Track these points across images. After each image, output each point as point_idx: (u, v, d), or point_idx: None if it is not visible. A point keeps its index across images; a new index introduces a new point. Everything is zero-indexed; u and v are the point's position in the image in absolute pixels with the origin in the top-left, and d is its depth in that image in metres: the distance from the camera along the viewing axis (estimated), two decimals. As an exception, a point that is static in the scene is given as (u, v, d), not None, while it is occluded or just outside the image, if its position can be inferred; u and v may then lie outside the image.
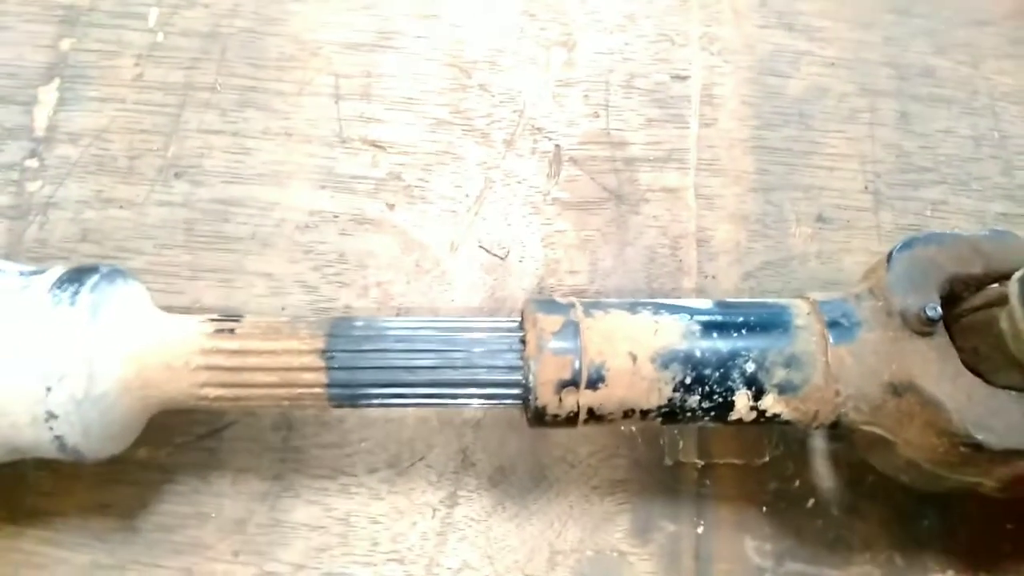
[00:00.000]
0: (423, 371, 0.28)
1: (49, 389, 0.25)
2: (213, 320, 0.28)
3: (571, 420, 0.28)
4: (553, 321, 0.28)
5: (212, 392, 0.27)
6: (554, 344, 0.27)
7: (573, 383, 0.27)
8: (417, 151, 0.37)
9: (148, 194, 0.36)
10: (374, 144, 0.37)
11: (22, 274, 0.28)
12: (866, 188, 0.39)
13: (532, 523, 0.34)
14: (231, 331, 0.28)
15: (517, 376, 0.28)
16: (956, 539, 0.36)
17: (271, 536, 0.33)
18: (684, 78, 0.40)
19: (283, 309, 0.35)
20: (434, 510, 0.34)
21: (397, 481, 0.34)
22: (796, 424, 0.29)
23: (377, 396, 0.28)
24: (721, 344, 0.28)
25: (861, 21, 0.43)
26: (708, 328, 0.28)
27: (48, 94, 0.36)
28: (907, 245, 0.30)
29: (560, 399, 0.27)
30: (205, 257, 0.35)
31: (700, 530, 0.35)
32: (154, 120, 0.36)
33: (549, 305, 0.29)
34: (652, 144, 0.39)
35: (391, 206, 0.37)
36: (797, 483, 0.36)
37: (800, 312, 0.29)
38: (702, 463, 0.36)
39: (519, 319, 0.29)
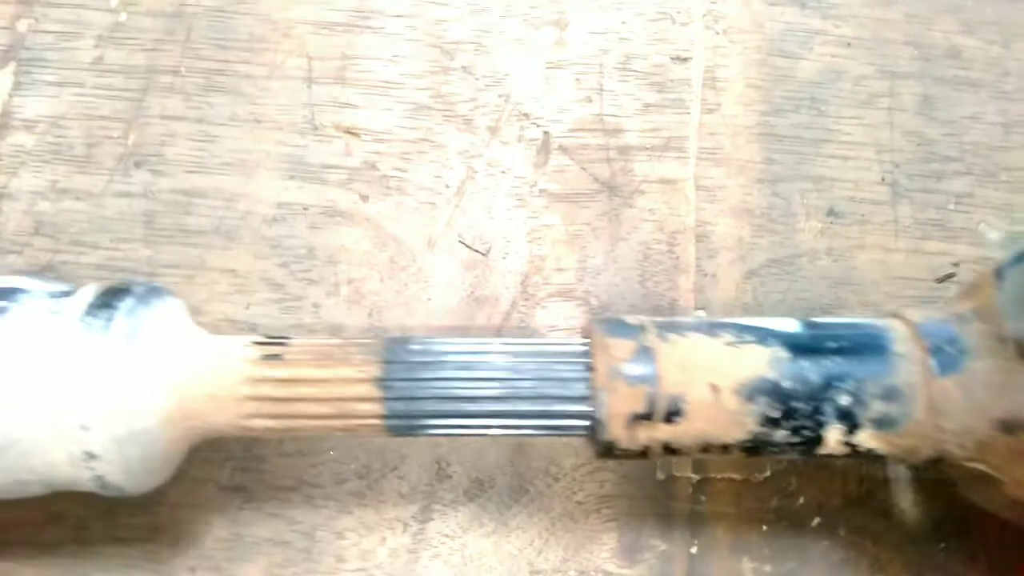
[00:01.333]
0: (487, 401, 0.25)
1: (86, 428, 0.24)
2: (259, 344, 0.26)
3: (643, 454, 0.26)
4: (624, 346, 0.25)
5: (260, 423, 0.26)
6: (627, 372, 0.25)
7: (647, 416, 0.25)
8: (394, 138, 0.35)
9: (106, 184, 0.33)
10: (348, 131, 0.35)
11: (51, 296, 0.26)
12: (883, 179, 0.36)
13: (511, 540, 0.32)
14: (279, 356, 0.26)
15: (585, 407, 0.25)
16: (976, 565, 0.33)
17: (230, 551, 0.31)
18: (685, 60, 0.37)
19: (248, 307, 0.33)
20: (405, 525, 0.32)
21: (366, 493, 0.32)
22: (891, 459, 0.27)
23: (437, 427, 0.26)
24: (812, 374, 0.25)
25: (881, -3, 0.39)
26: (797, 355, 0.26)
27: (3, 78, 0.34)
28: (1019, 260, 0.26)
29: (632, 433, 0.25)
30: (165, 252, 0.33)
31: (694, 550, 0.32)
32: (114, 106, 0.34)
33: (618, 327, 0.26)
34: (649, 131, 0.36)
35: (365, 198, 0.34)
36: (801, 500, 0.33)
37: (899, 336, 0.26)
38: (697, 477, 0.33)
39: (587, 342, 0.27)
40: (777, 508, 0.33)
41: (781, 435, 0.25)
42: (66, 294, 0.26)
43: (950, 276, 0.35)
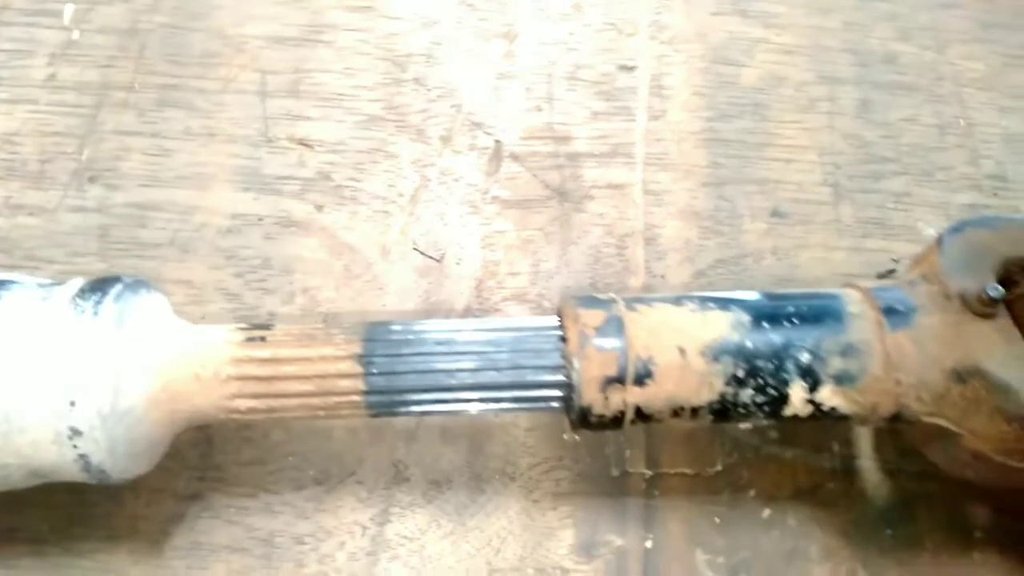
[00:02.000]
0: (465, 374, 0.26)
1: (73, 403, 0.24)
2: (242, 329, 0.27)
3: (617, 421, 0.27)
4: (595, 316, 0.27)
5: (244, 404, 0.26)
6: (598, 340, 0.26)
7: (619, 380, 0.26)
8: (348, 149, 0.35)
9: (60, 200, 0.34)
10: (302, 143, 0.35)
11: (41, 286, 0.26)
12: (825, 181, 0.38)
13: (469, 540, 0.32)
14: (262, 339, 0.26)
15: (560, 376, 0.26)
16: (922, 549, 0.34)
17: (189, 559, 0.31)
18: (631, 69, 0.38)
19: (203, 318, 0.33)
20: (364, 528, 0.32)
21: (325, 498, 0.32)
22: (854, 418, 0.28)
23: (417, 402, 0.27)
24: (773, 335, 0.27)
25: (820, 6, 0.41)
26: (758, 318, 0.27)
27: (-44, 96, 0.34)
28: (958, 229, 0.29)
29: (606, 397, 0.26)
30: (121, 265, 0.33)
31: (648, 544, 0.33)
32: (67, 122, 0.34)
33: (589, 301, 0.28)
34: (597, 138, 0.37)
35: (319, 207, 0.35)
36: (752, 492, 0.34)
37: (852, 300, 0.28)
38: (650, 473, 0.34)
39: (558, 317, 0.28)
40: (729, 501, 0.34)
41: (747, 395, 0.27)
42: (56, 284, 0.27)
43: (891, 272, 0.37)
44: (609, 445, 0.34)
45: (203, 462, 0.32)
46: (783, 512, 0.34)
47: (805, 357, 0.26)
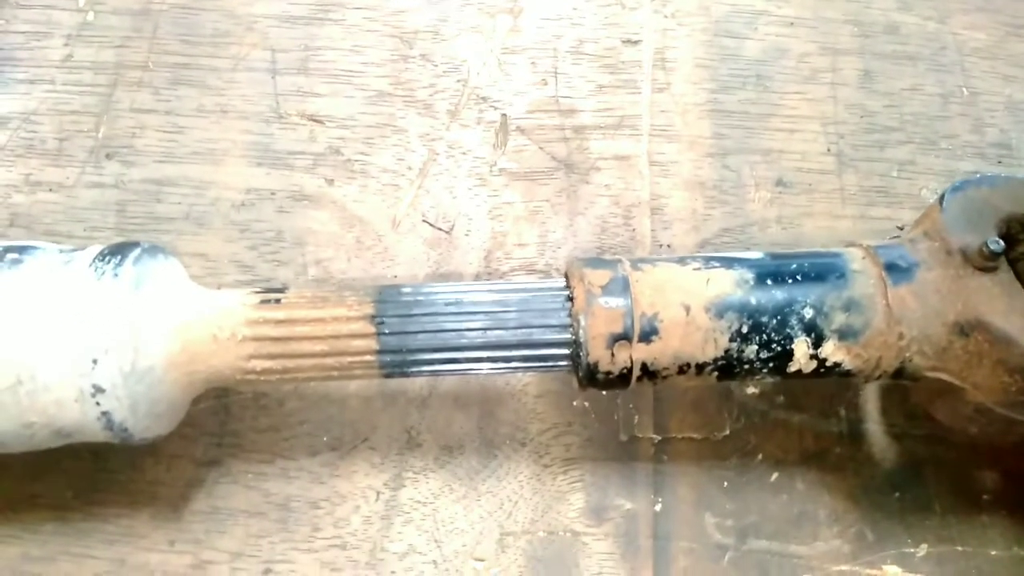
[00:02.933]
0: (474, 333, 0.27)
1: (95, 362, 0.25)
2: (257, 292, 0.28)
3: (624, 378, 0.27)
4: (601, 275, 0.27)
5: (259, 364, 0.27)
6: (603, 298, 0.27)
7: (625, 337, 0.27)
8: (357, 124, 0.36)
9: (78, 176, 0.35)
10: (312, 118, 0.36)
11: (62, 251, 0.27)
12: (828, 150, 0.38)
13: (481, 504, 0.33)
14: (277, 301, 0.27)
15: (567, 334, 0.27)
16: (930, 511, 0.34)
17: (207, 524, 0.32)
18: (636, 42, 0.39)
19: (219, 289, 0.34)
20: (378, 493, 0.33)
21: (339, 464, 0.33)
22: (858, 374, 0.28)
23: (428, 362, 0.27)
24: (777, 292, 0.27)
25: (822, -21, 0.41)
26: (762, 276, 0.28)
27: (-25, 78, 0.35)
28: (959, 187, 0.29)
29: (612, 354, 0.27)
30: (137, 239, 0.34)
31: (658, 508, 0.34)
32: (84, 101, 0.35)
33: (595, 261, 0.28)
34: (603, 111, 0.37)
35: (330, 181, 0.35)
36: (759, 457, 0.34)
37: (854, 257, 0.28)
38: (659, 438, 0.34)
39: (565, 279, 0.28)
40: (737, 465, 0.34)
41: (752, 351, 0.27)
42: (76, 250, 0.27)
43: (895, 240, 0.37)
44: (618, 410, 0.34)
45: (221, 429, 0.33)
46: (791, 476, 0.34)
47: (809, 313, 0.27)
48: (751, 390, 0.35)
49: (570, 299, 0.27)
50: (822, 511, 0.34)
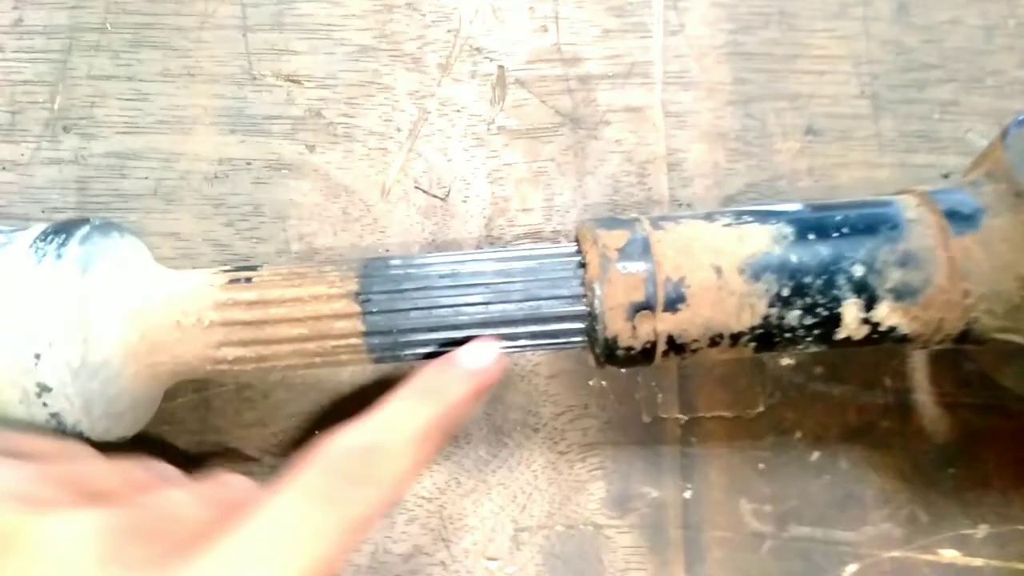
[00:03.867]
0: (474, 309, 0.24)
1: (38, 356, 0.22)
2: (226, 271, 0.25)
3: (647, 353, 0.24)
4: (617, 236, 0.24)
5: (231, 352, 0.24)
6: (621, 262, 0.23)
7: (648, 306, 0.23)
8: (339, 83, 0.32)
9: (34, 152, 0.31)
10: (289, 79, 0.32)
11: (1, 232, 0.24)
12: (862, 93, 0.34)
13: (491, 498, 0.30)
14: (248, 280, 0.24)
15: (581, 306, 0.24)
16: (989, 488, 0.31)
17: (190, 530, 0.29)
18: (644, -19, 0.35)
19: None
20: (377, 490, 0.30)
21: (333, 459, 0.30)
22: (915, 339, 0.24)
23: (423, 343, 0.24)
24: (821, 247, 0.24)
25: (848, -96, 0.37)
26: (803, 230, 0.24)
27: (-84, 48, 0.32)
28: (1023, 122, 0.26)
29: (634, 327, 0.23)
30: (101, 218, 0.31)
31: (687, 495, 0.30)
32: (37, 69, 0.32)
33: (609, 221, 0.25)
34: (610, 58, 0.34)
35: (311, 148, 0.32)
36: (798, 435, 0.31)
37: (908, 205, 0.25)
38: (685, 418, 0.31)
39: (575, 242, 0.25)
40: (773, 445, 0.31)
41: (794, 316, 0.23)
42: (17, 230, 0.24)
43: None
44: (639, 389, 0.31)
45: (202, 425, 0.30)
46: (834, 455, 0.31)
47: (859, 270, 0.23)
48: (786, 361, 0.32)
49: (582, 265, 0.24)
50: (869, 492, 0.31)
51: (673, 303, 0.23)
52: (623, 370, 0.31)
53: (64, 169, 0.31)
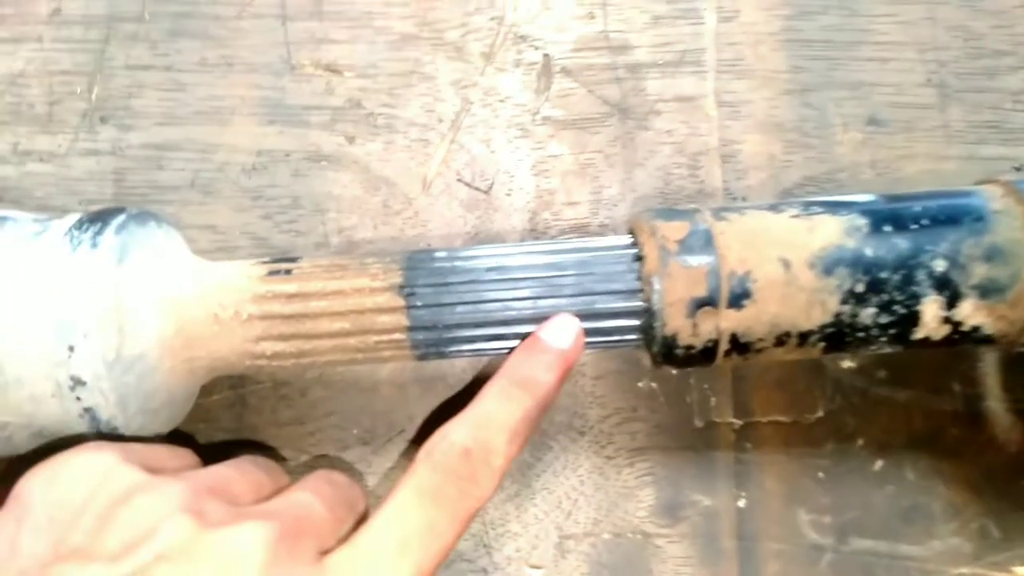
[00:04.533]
0: (523, 304, 0.22)
1: (72, 349, 0.21)
2: (265, 262, 0.24)
3: (708, 353, 0.23)
4: (677, 228, 0.22)
5: (270, 347, 0.23)
6: (682, 255, 0.22)
7: (710, 301, 0.22)
8: (379, 73, 0.31)
9: (71, 143, 0.31)
10: (329, 68, 0.31)
11: (36, 220, 0.23)
12: (928, 81, 0.32)
13: (536, 503, 0.29)
14: (288, 272, 0.23)
15: (637, 302, 0.22)
16: (1068, 502, 0.29)
17: (226, 531, 0.28)
18: (696, -34, 0.33)
19: (230, 266, 0.30)
20: (417, 493, 0.28)
21: (372, 460, 0.29)
22: (1000, 340, 0.23)
23: (469, 339, 0.23)
24: (899, 240, 0.22)
25: None
26: (878, 222, 0.22)
27: (-44, 38, 0.32)
28: None
29: (695, 324, 0.22)
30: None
31: (741, 503, 0.29)
32: (75, 59, 0.31)
33: (667, 212, 0.23)
34: (661, 46, 0.32)
35: (351, 139, 0.31)
36: (860, 442, 0.30)
37: (993, 195, 0.23)
38: (740, 422, 0.29)
39: (630, 234, 0.24)
40: (833, 452, 0.29)
41: (869, 314, 0.22)
42: (53, 219, 0.24)
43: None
44: (691, 391, 0.30)
45: (238, 423, 0.29)
46: (898, 464, 0.29)
47: (940, 265, 0.22)
48: (847, 364, 0.30)
49: (639, 258, 0.22)
50: (936, 504, 0.29)
51: (738, 299, 0.22)
52: (674, 371, 0.29)
53: (101, 160, 0.31)
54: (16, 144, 0.31)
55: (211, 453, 0.24)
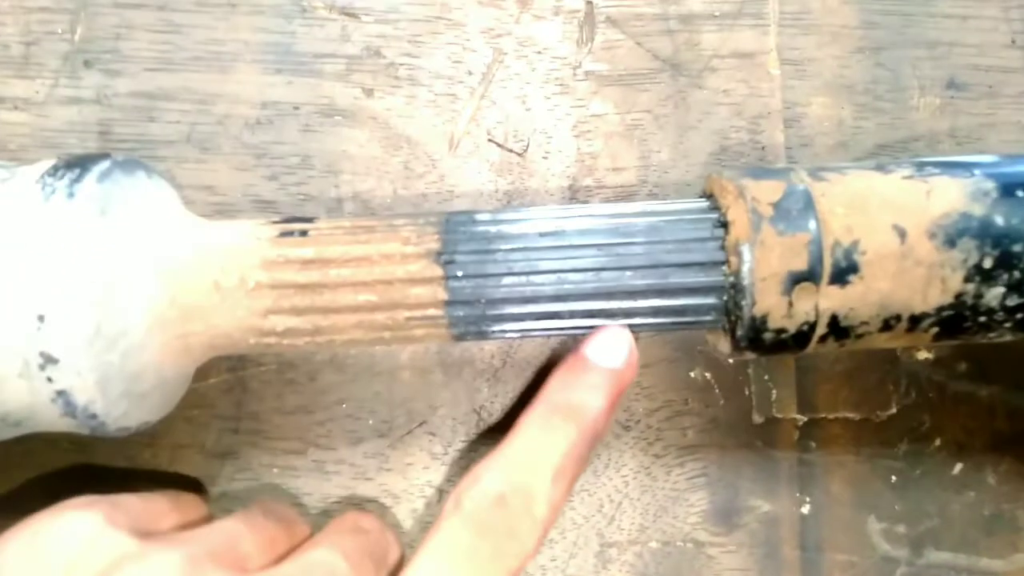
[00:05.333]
0: (582, 276, 0.19)
1: (41, 318, 0.17)
2: (276, 222, 0.20)
3: (801, 338, 0.19)
4: (770, 188, 0.19)
5: (280, 323, 0.19)
6: (777, 221, 0.18)
7: (810, 276, 0.18)
8: (401, 18, 0.28)
9: (50, 90, 0.27)
10: (344, 11, 0.28)
11: (3, 167, 0.20)
12: (1013, 42, 0.29)
13: (574, 507, 0.26)
14: (303, 233, 0.19)
15: (720, 276, 0.19)
16: None
17: (222, 533, 0.24)
18: (757, -93, 0.30)
19: (230, 232, 0.26)
20: (440, 491, 0.25)
21: (389, 455, 0.26)
22: None
23: (516, 316, 0.19)
24: None
25: None
26: (1009, 186, 0.19)
27: (-81, -32, 0.28)
28: None
29: (791, 303, 0.19)
30: (126, 168, 0.26)
31: (805, 510, 0.26)
32: (56, -6, 0.28)
33: (757, 171, 0.20)
34: (717, -4, 0.29)
35: (369, 92, 0.27)
36: (937, 442, 0.26)
37: None
38: (804, 419, 0.26)
39: (707, 197, 0.20)
40: (907, 453, 0.26)
41: (995, 295, 0.19)
42: (22, 165, 0.20)
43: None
44: (750, 383, 0.26)
45: (238, 411, 0.25)
46: (979, 467, 0.26)
47: None
48: (924, 355, 0.27)
49: (722, 224, 0.19)
50: (1021, 513, 0.26)
51: (843, 274, 0.18)
52: (731, 360, 0.26)
53: (84, 110, 0.27)
54: (-13, 89, 0.27)
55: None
